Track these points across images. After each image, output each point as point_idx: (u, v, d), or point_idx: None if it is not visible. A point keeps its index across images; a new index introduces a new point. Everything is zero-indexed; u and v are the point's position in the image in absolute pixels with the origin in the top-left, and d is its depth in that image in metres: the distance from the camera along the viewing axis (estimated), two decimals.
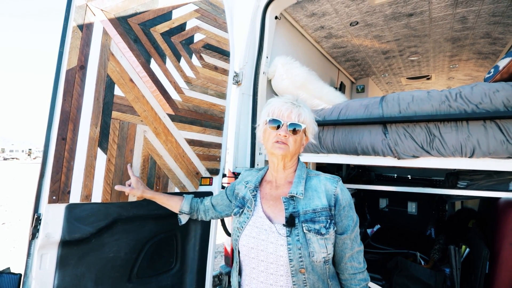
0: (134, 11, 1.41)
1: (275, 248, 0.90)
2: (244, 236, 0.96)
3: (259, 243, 0.93)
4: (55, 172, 1.13)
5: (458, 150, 1.47)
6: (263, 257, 0.92)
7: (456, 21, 2.53)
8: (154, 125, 1.44)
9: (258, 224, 0.96)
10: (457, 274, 1.68)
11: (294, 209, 0.93)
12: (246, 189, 1.08)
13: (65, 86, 1.17)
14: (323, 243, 0.89)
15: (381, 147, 1.67)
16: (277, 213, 0.97)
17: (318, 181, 0.99)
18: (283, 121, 0.97)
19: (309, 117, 1.01)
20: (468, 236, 2.03)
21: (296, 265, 0.87)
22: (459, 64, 3.62)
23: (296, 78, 1.97)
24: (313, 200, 0.94)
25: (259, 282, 0.93)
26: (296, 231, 0.89)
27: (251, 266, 0.96)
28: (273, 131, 0.98)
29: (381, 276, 1.97)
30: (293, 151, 0.98)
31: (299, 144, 1.00)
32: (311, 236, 0.88)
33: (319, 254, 0.88)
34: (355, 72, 4.24)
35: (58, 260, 1.14)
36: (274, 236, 0.91)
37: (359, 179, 3.47)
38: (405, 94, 1.69)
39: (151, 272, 1.44)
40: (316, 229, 0.89)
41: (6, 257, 3.89)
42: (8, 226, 5.41)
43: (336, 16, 2.57)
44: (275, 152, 0.97)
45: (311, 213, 0.92)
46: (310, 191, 0.96)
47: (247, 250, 0.96)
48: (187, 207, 1.29)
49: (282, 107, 0.99)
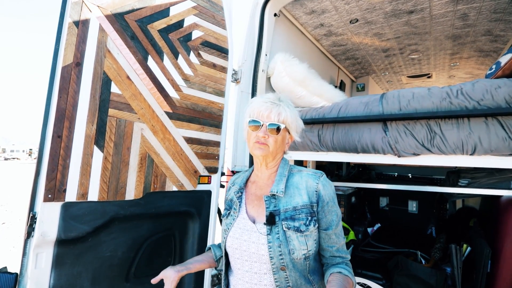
0: (131, 8, 1.39)
1: (257, 248, 0.91)
2: (229, 237, 0.98)
3: (242, 244, 0.94)
4: (50, 170, 1.11)
5: (459, 147, 1.45)
6: (246, 257, 0.94)
7: (457, 18, 2.51)
8: (152, 123, 1.43)
9: (241, 225, 0.97)
10: (458, 273, 1.66)
11: (275, 207, 0.93)
12: (233, 191, 1.08)
13: (60, 83, 1.16)
14: (303, 240, 0.89)
15: (381, 145, 1.65)
16: (260, 213, 0.97)
17: (300, 178, 0.98)
18: (262, 121, 0.96)
19: (290, 116, 0.98)
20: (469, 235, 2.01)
21: (277, 262, 0.88)
22: (460, 62, 3.60)
23: (295, 75, 1.95)
24: (293, 197, 0.94)
25: (244, 282, 0.95)
26: (276, 229, 0.90)
27: (236, 267, 0.98)
28: (253, 132, 0.97)
29: (381, 275, 1.95)
30: (274, 151, 0.97)
31: (280, 143, 0.98)
32: (291, 234, 0.89)
33: (299, 251, 0.88)
34: (355, 71, 4.22)
35: (54, 259, 1.13)
36: (256, 236, 0.92)
37: (359, 178, 3.45)
38: (406, 91, 1.67)
39: (149, 272, 1.42)
40: (295, 227, 0.89)
41: (6, 256, 3.88)
42: (8, 226, 5.40)
43: (335, 14, 2.55)
44: (255, 152, 0.97)
45: (291, 210, 0.92)
46: (292, 189, 0.96)
47: (232, 251, 0.97)
48: (219, 250, 1.16)
49: (261, 107, 0.98)
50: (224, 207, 1.13)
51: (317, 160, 2.08)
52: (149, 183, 1.41)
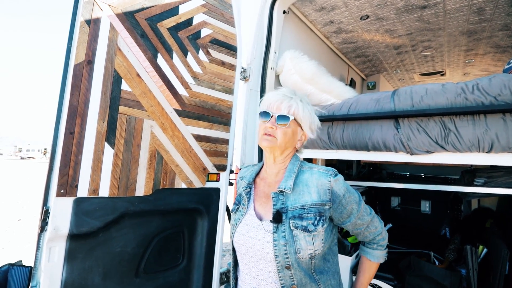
0: (141, 6, 1.41)
1: (262, 245, 0.90)
2: (236, 233, 0.98)
3: (248, 240, 0.94)
4: (63, 165, 1.13)
5: (475, 144, 1.40)
6: (252, 254, 0.93)
7: (473, 13, 2.43)
8: (161, 120, 1.44)
9: (248, 222, 0.97)
10: (474, 275, 1.61)
11: (283, 205, 0.92)
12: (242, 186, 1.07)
13: (73, 80, 1.18)
14: (310, 240, 0.87)
15: (393, 142, 1.62)
16: (267, 210, 0.96)
17: (310, 175, 0.95)
18: (272, 112, 0.95)
19: (303, 110, 0.96)
20: (485, 236, 1.95)
21: (282, 261, 0.87)
22: (475, 58, 3.49)
23: (304, 72, 1.93)
24: (302, 195, 0.92)
25: (251, 278, 0.95)
26: (282, 228, 0.88)
27: (243, 262, 0.98)
28: (263, 123, 0.96)
29: (393, 276, 1.91)
30: (282, 144, 0.94)
31: (289, 137, 0.95)
32: (298, 233, 0.87)
33: (306, 251, 0.87)
34: (366, 69, 4.15)
35: (66, 253, 1.15)
36: (262, 233, 0.91)
37: (370, 177, 3.39)
38: (418, 87, 1.63)
39: (158, 268, 1.43)
40: (303, 226, 0.87)
41: (21, 251, 4.00)
42: (24, 222, 5.58)
43: (346, 10, 2.51)
44: (262, 144, 0.95)
45: (300, 209, 0.90)
46: (301, 186, 0.94)
47: (239, 246, 0.97)
48: None
49: (272, 99, 0.97)
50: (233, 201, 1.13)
51: (327, 158, 2.05)
52: (158, 180, 1.42)
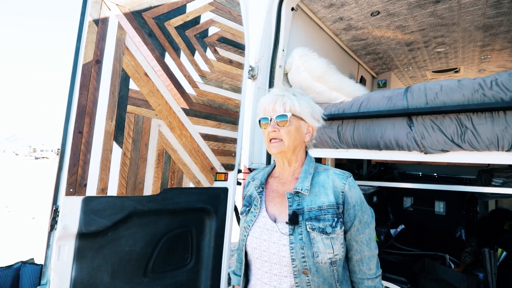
0: (148, 5, 1.40)
1: (278, 248, 0.86)
2: (249, 236, 0.94)
3: (262, 244, 0.90)
4: (72, 165, 1.14)
5: (494, 143, 1.34)
6: (266, 258, 0.89)
7: (489, 7, 2.33)
8: (169, 119, 1.43)
9: (261, 224, 0.93)
10: (493, 279, 1.54)
11: (299, 206, 0.88)
12: (253, 186, 1.04)
13: (81, 80, 1.18)
14: (328, 242, 0.83)
15: (405, 140, 1.56)
16: (282, 211, 0.93)
17: (326, 177, 0.93)
18: (270, 116, 0.93)
19: (299, 103, 0.93)
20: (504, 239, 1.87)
21: (299, 265, 0.83)
22: (492, 54, 3.36)
23: (314, 70, 1.90)
24: (319, 196, 0.89)
25: (263, 284, 0.90)
26: (299, 230, 0.85)
27: (256, 266, 0.94)
28: (265, 130, 0.94)
29: (406, 279, 1.85)
30: (290, 144, 0.92)
31: (295, 134, 0.93)
32: (315, 235, 0.83)
33: (324, 255, 0.83)
34: (376, 66, 4.06)
35: (75, 252, 1.16)
36: (277, 236, 0.87)
37: (381, 177, 3.31)
38: (433, 83, 1.57)
39: (166, 267, 1.43)
40: (320, 228, 0.84)
41: (35, 249, 4.10)
42: (38, 221, 5.72)
43: (356, 6, 2.45)
44: (272, 151, 0.94)
45: (316, 210, 0.86)
46: (317, 187, 0.91)
47: (251, 250, 0.93)
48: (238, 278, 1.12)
49: (265, 103, 0.95)
50: (242, 203, 1.09)
51: (337, 157, 2.01)
52: (166, 179, 1.42)
